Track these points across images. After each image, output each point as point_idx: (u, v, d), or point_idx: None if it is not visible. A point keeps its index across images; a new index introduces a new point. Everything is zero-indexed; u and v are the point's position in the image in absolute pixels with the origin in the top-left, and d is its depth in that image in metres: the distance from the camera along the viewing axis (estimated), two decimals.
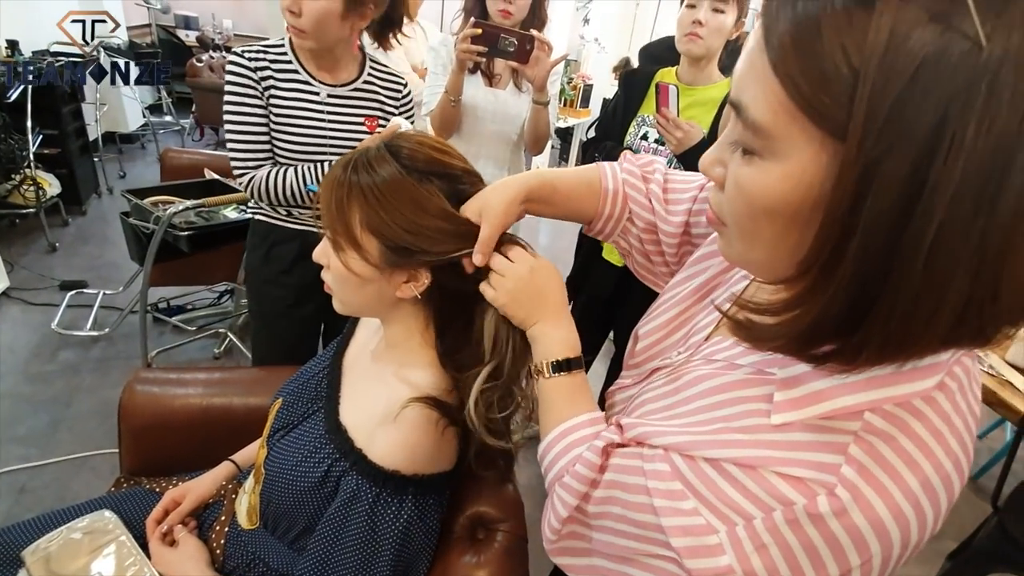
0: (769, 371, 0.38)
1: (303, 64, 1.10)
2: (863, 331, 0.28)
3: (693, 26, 1.24)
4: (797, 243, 0.31)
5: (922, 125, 0.24)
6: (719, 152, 0.36)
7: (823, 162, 0.28)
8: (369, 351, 0.75)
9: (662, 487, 0.39)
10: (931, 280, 0.25)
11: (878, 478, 0.31)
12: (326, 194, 0.60)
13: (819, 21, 0.26)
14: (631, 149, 1.42)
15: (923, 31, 0.24)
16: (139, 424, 0.94)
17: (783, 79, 0.28)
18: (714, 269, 0.53)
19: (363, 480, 0.59)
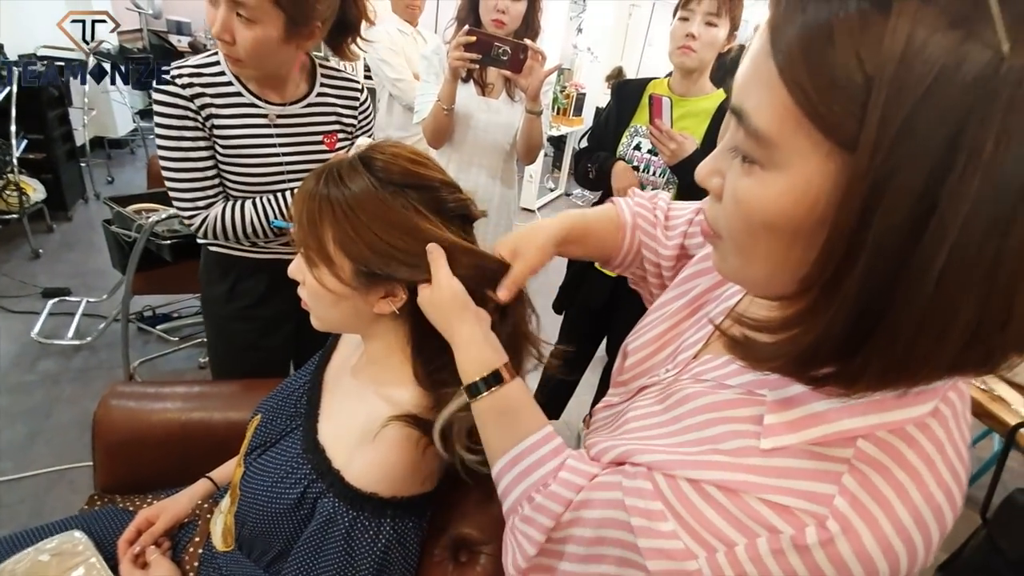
0: (759, 392, 0.37)
1: (244, 84, 0.94)
2: (865, 353, 0.27)
3: (686, 39, 1.24)
4: (799, 259, 0.29)
5: (938, 138, 0.23)
6: (716, 162, 0.34)
7: (830, 174, 0.27)
8: (350, 367, 0.73)
9: (641, 505, 0.37)
10: (939, 303, 0.24)
11: (870, 511, 0.30)
12: (298, 207, 0.59)
13: (831, 26, 0.25)
14: (624, 159, 1.42)
15: (942, 38, 0.23)
16: (114, 440, 0.91)
17: (790, 86, 0.26)
18: (704, 285, 0.52)
19: (339, 503, 0.57)
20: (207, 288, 1.12)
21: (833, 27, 0.25)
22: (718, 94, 1.35)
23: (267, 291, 1.09)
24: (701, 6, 1.21)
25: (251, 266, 1.08)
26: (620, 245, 0.65)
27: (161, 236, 1.33)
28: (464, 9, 1.45)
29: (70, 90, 3.14)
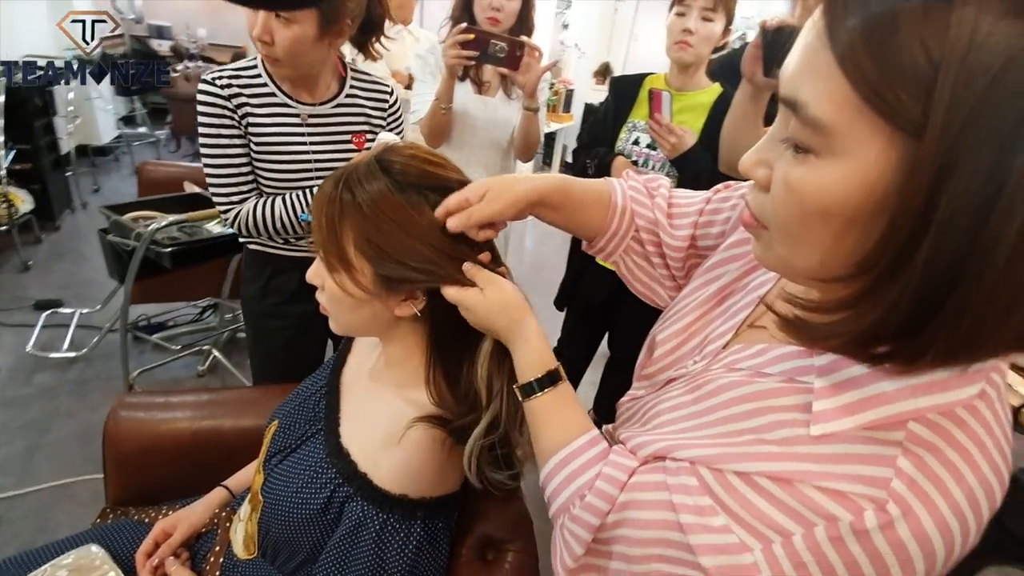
0: (801, 380, 0.37)
1: (279, 85, 1.00)
2: (931, 331, 0.27)
3: (683, 34, 1.24)
4: (852, 244, 0.30)
5: (1006, 122, 0.23)
6: (763, 152, 0.34)
7: (891, 160, 0.27)
8: (367, 370, 0.73)
9: (690, 502, 0.37)
10: (1009, 280, 0.25)
11: (927, 492, 0.30)
12: (317, 211, 0.58)
13: (896, 14, 0.25)
14: (623, 154, 1.42)
15: (1007, 26, 0.23)
16: (125, 451, 0.90)
17: (851, 74, 0.27)
18: (731, 275, 0.52)
19: (369, 506, 0.57)
20: (245, 286, 1.19)
21: (898, 15, 0.25)
22: (714, 88, 1.36)
23: (298, 288, 1.13)
24: (697, 1, 1.22)
25: (284, 263, 1.13)
26: (606, 225, 0.62)
27: (161, 244, 1.31)
28: (458, 8, 1.44)
29: (54, 98, 3.08)
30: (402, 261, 0.55)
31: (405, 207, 0.55)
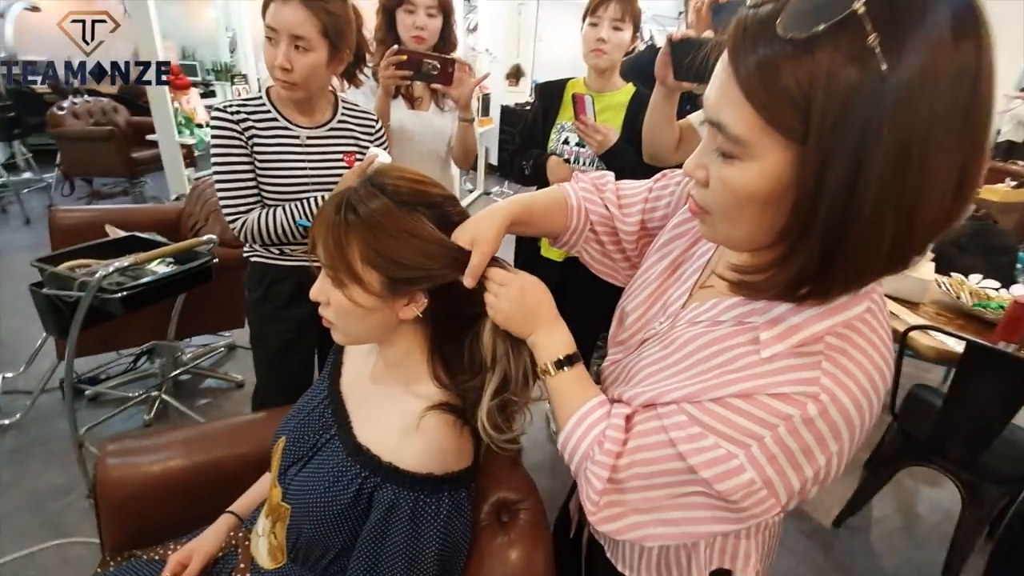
0: (748, 321, 0.49)
1: (281, 111, 1.18)
2: (833, 272, 0.40)
3: (598, 43, 1.39)
4: (771, 219, 0.42)
5: (857, 128, 0.35)
6: (700, 158, 0.46)
7: (789, 160, 0.38)
8: (366, 376, 0.79)
9: (683, 434, 0.48)
10: (873, 229, 0.37)
11: (844, 381, 0.43)
12: (323, 235, 0.64)
13: (779, 62, 0.36)
14: (556, 154, 1.54)
15: (849, 69, 0.34)
16: (120, 497, 0.89)
17: (754, 103, 0.38)
18: (679, 249, 0.65)
19: (399, 488, 0.64)
20: (248, 294, 1.33)
21: (780, 63, 0.36)
22: (628, 88, 1.52)
23: (295, 292, 1.29)
24: (608, 13, 1.37)
25: (281, 272, 1.28)
26: (567, 224, 0.74)
27: (108, 290, 1.27)
28: (382, 29, 1.50)
29: None
30: (411, 265, 0.63)
31: (406, 219, 0.63)
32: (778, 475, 0.44)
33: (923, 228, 0.38)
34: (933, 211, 0.37)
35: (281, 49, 1.05)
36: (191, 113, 3.95)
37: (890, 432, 1.80)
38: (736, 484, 0.45)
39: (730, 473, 0.45)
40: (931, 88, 0.34)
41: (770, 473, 0.44)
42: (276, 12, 1.05)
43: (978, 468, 1.48)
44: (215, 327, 2.29)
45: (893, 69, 0.34)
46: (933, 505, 1.97)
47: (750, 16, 0.39)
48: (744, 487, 0.45)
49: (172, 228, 2.26)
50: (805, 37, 0.35)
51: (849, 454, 0.46)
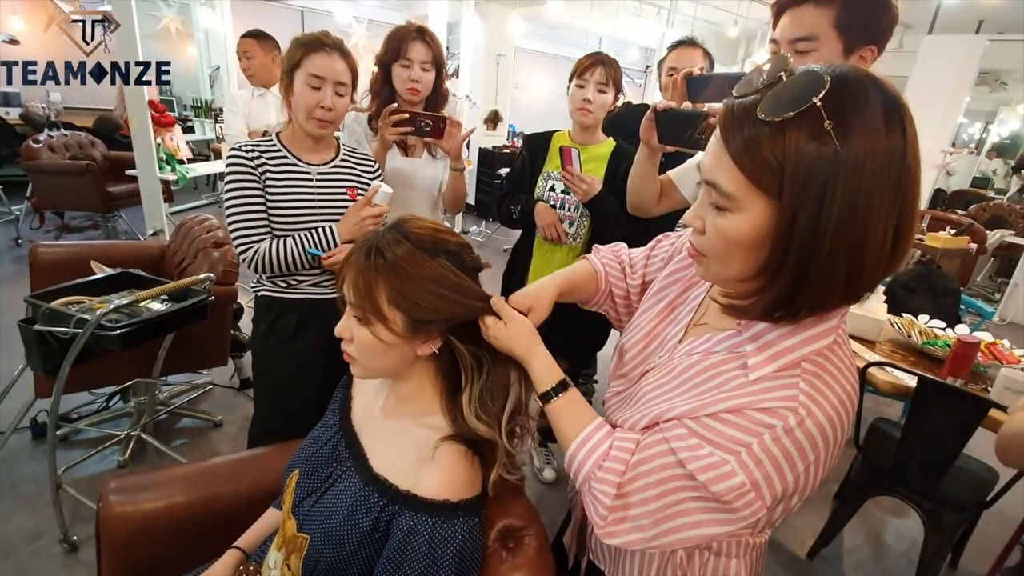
0: (737, 351, 0.59)
1: (291, 151, 1.31)
2: (801, 299, 0.50)
3: (584, 103, 1.54)
4: (755, 260, 0.52)
5: (817, 189, 0.45)
6: (698, 211, 0.56)
7: (768, 212, 0.49)
8: (378, 410, 0.84)
9: (683, 445, 0.56)
10: (831, 265, 0.47)
11: (818, 400, 0.52)
12: (352, 276, 0.71)
13: (760, 140, 0.47)
14: (542, 200, 1.65)
15: (810, 145, 0.45)
16: (123, 534, 0.90)
17: (742, 168, 0.48)
18: (674, 293, 0.75)
19: (417, 515, 0.68)
20: (255, 328, 1.40)
21: (760, 139, 0.47)
22: (609, 142, 1.66)
23: (298, 326, 1.36)
24: (594, 77, 1.52)
25: (287, 306, 1.35)
26: (598, 289, 0.89)
27: (107, 327, 1.28)
28: (379, 81, 1.60)
29: None
30: (432, 308, 0.70)
31: (430, 264, 0.70)
32: (764, 479, 0.52)
33: (869, 268, 0.48)
34: (876, 255, 0.47)
35: (328, 93, 1.24)
36: (174, 150, 3.97)
37: (856, 464, 1.90)
38: (729, 486, 0.53)
39: (724, 476, 0.53)
40: (871, 163, 0.45)
41: (757, 476, 0.52)
42: (324, 63, 1.23)
43: (936, 496, 1.59)
44: (199, 365, 2.27)
45: (843, 147, 0.45)
46: (899, 534, 2.07)
47: (736, 104, 0.50)
48: (736, 489, 0.53)
49: (156, 264, 2.26)
50: (779, 120, 0.46)
51: (824, 467, 0.54)
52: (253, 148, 1.27)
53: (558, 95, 8.69)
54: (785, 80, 0.48)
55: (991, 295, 5.13)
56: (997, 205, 5.41)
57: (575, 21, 6.11)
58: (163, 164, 3.69)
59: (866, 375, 1.65)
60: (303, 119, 1.26)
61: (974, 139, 6.86)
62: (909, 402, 1.57)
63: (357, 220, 1.29)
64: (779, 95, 0.47)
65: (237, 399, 2.42)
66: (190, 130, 6.10)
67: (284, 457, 0.90)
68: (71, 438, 2.05)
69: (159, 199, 3.53)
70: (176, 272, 2.11)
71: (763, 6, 5.52)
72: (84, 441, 2.03)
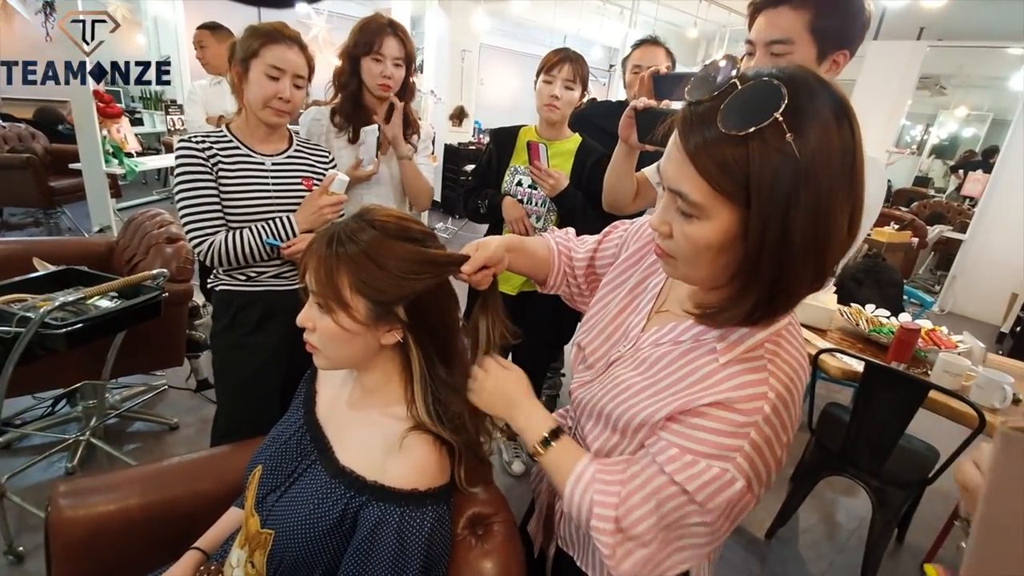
0: (703, 338, 0.61)
1: (243, 142, 1.29)
2: (777, 300, 0.52)
3: (551, 99, 1.55)
4: (724, 263, 0.54)
5: (783, 196, 0.47)
6: (664, 216, 0.56)
7: (736, 219, 0.50)
8: (343, 402, 0.83)
9: (677, 465, 0.57)
10: (801, 266, 0.50)
11: (783, 379, 0.56)
12: (314, 265, 0.70)
13: (723, 151, 0.48)
14: (509, 194, 1.66)
15: (774, 156, 0.47)
16: (74, 540, 0.86)
17: (707, 179, 0.49)
18: (632, 283, 0.77)
19: (386, 505, 0.68)
20: (215, 324, 1.36)
21: (724, 151, 0.48)
22: (575, 137, 1.68)
23: (260, 319, 1.33)
24: (561, 73, 1.53)
25: (248, 297, 1.32)
26: (552, 267, 0.88)
27: (52, 325, 1.21)
28: (346, 74, 1.56)
29: None
30: (395, 284, 0.69)
31: (395, 246, 0.70)
32: (755, 475, 0.55)
33: (832, 259, 0.51)
34: (837, 247, 0.51)
35: (287, 85, 1.24)
36: (121, 142, 3.79)
37: (809, 447, 1.99)
38: (731, 494, 0.55)
39: (724, 486, 0.55)
40: (828, 164, 0.47)
41: (750, 473, 0.55)
42: (284, 55, 1.22)
43: (883, 475, 1.68)
44: (153, 366, 2.18)
45: (803, 154, 0.47)
46: (850, 513, 2.18)
47: (694, 112, 0.51)
48: (737, 494, 0.55)
49: (104, 262, 2.16)
50: (741, 134, 0.47)
51: (791, 436, 0.58)
52: (203, 139, 1.24)
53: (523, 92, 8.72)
54: (740, 88, 0.49)
55: (931, 287, 5.45)
56: (937, 202, 5.73)
57: (540, 18, 6.14)
58: (110, 157, 3.51)
59: (818, 361, 1.73)
60: (258, 108, 1.24)
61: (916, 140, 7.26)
62: (858, 387, 1.66)
63: (315, 209, 1.28)
64: (739, 107, 0.48)
65: (194, 401, 2.33)
66: (139, 122, 5.82)
67: (245, 455, 0.88)
68: (15, 444, 1.94)
69: (105, 194, 3.36)
70: (126, 270, 2.02)
71: (721, 9, 5.69)
72: (29, 448, 1.92)
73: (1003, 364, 1.85)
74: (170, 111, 4.69)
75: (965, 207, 5.42)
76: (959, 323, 4.38)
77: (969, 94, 6.64)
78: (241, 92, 1.26)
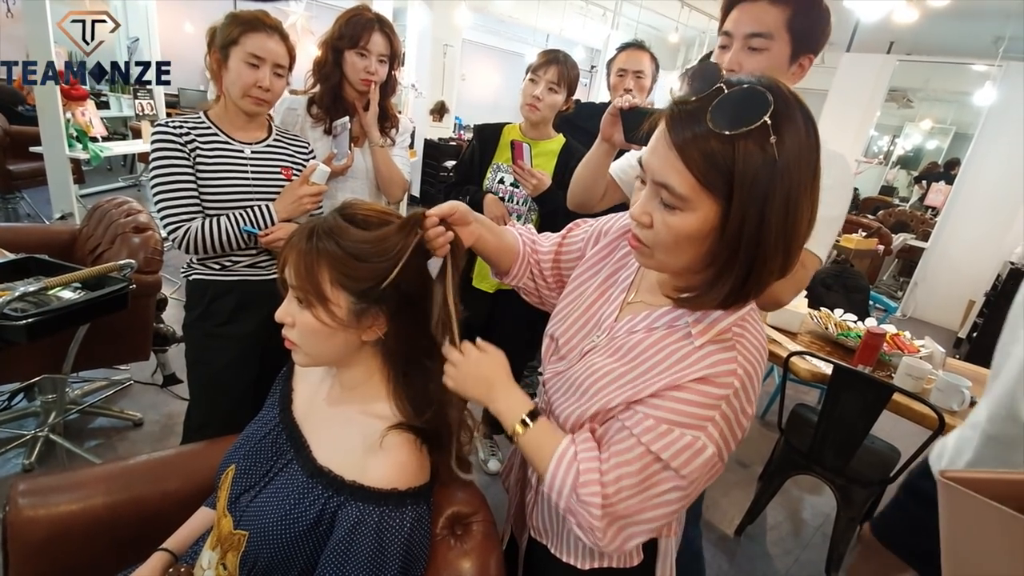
0: (677, 324, 0.64)
1: (221, 129, 1.27)
2: (750, 285, 0.56)
3: (533, 99, 1.54)
4: (702, 252, 0.57)
5: (761, 190, 0.52)
6: (645, 207, 0.59)
7: (717, 210, 0.54)
8: (321, 400, 0.81)
9: (653, 435, 0.60)
10: (774, 254, 0.54)
11: (748, 358, 0.61)
12: (293, 259, 0.68)
13: (712, 148, 0.52)
14: (491, 191, 1.65)
15: (757, 155, 0.51)
16: (35, 540, 0.82)
17: (695, 173, 0.53)
18: (602, 276, 0.79)
19: (365, 505, 0.67)
20: (187, 314, 1.33)
21: (713, 148, 0.52)
22: (559, 138, 1.68)
23: (235, 309, 1.30)
24: (546, 75, 1.52)
25: (223, 287, 1.29)
26: (517, 256, 0.88)
27: (11, 316, 1.16)
28: (328, 65, 1.53)
29: None
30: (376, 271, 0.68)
31: (374, 240, 0.68)
32: (724, 444, 0.60)
33: (797, 249, 0.57)
34: (803, 237, 0.56)
35: (267, 73, 1.21)
36: (86, 126, 3.64)
37: (778, 446, 2.04)
38: (703, 460, 0.58)
39: (696, 453, 0.58)
40: (799, 165, 0.53)
41: (719, 441, 0.59)
42: (264, 43, 1.20)
43: (848, 473, 1.74)
44: (117, 359, 2.10)
45: (780, 156, 0.52)
46: (815, 510, 2.25)
47: (682, 110, 0.54)
48: (707, 461, 0.59)
49: (65, 250, 2.07)
50: (730, 134, 0.51)
51: (752, 415, 0.62)
52: (181, 124, 1.21)
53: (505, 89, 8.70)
54: (727, 92, 0.53)
55: (894, 292, 5.65)
56: (901, 211, 5.94)
57: (523, 16, 6.13)
58: (73, 141, 3.37)
59: (788, 364, 1.78)
60: (238, 96, 1.22)
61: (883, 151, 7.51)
62: (826, 389, 1.71)
63: (295, 198, 1.26)
64: (730, 109, 0.52)
65: (160, 396, 2.26)
66: (104, 106, 5.58)
67: (217, 454, 0.86)
68: None
69: (68, 179, 3.23)
70: (90, 259, 1.94)
71: (703, 15, 5.78)
72: None
73: (961, 368, 1.93)
74: (139, 95, 4.52)
75: (928, 216, 5.63)
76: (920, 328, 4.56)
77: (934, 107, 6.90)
78: (220, 80, 1.23)
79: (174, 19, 6.21)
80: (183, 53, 5.34)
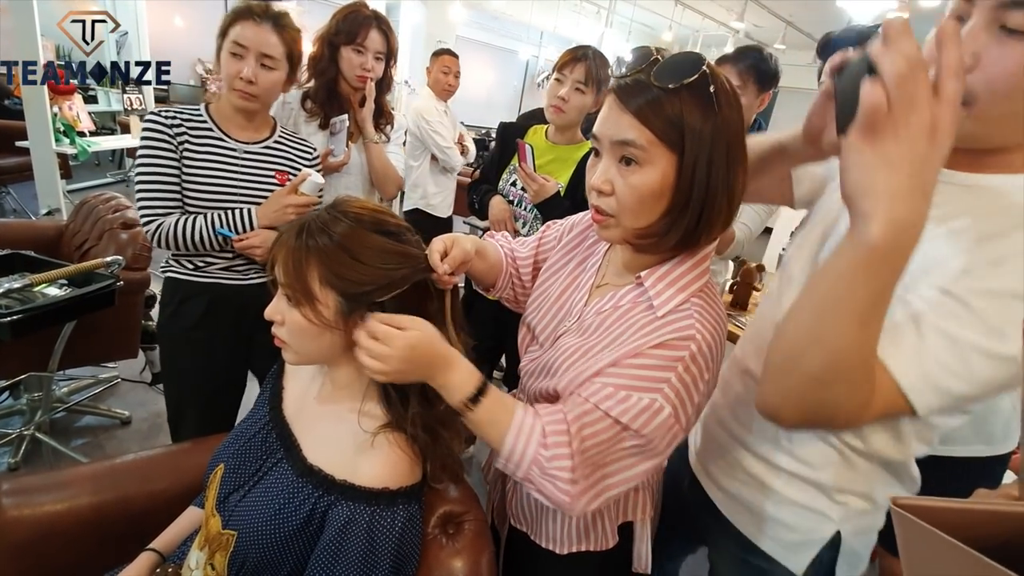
0: (640, 300, 0.67)
1: (218, 124, 1.22)
2: (699, 231, 0.62)
3: (558, 100, 1.43)
4: (661, 206, 0.62)
5: (707, 140, 0.58)
6: (605, 175, 0.62)
7: (672, 164, 0.59)
8: (312, 399, 0.80)
9: (612, 403, 0.61)
10: (720, 200, 0.61)
11: (706, 324, 0.63)
12: (283, 257, 0.67)
13: (660, 101, 0.58)
14: (501, 193, 1.60)
15: (700, 107, 0.58)
16: (19, 540, 0.81)
17: (649, 126, 0.58)
18: (572, 265, 0.82)
19: (356, 504, 0.66)
20: (161, 312, 1.29)
21: (661, 101, 0.58)
22: (584, 144, 1.53)
23: (206, 311, 1.25)
24: (573, 74, 1.41)
25: (192, 289, 1.25)
26: (501, 271, 0.90)
27: None
28: (324, 60, 1.50)
29: None
30: (368, 279, 0.66)
31: (368, 238, 0.68)
32: (681, 405, 0.61)
33: (736, 199, 0.63)
34: (740, 189, 0.63)
35: (249, 64, 1.15)
36: (73, 120, 3.59)
37: None
38: (661, 420, 0.60)
39: (654, 414, 0.60)
40: (731, 125, 0.59)
41: (675, 402, 0.61)
42: (247, 31, 1.14)
43: None
44: (104, 357, 2.07)
45: (719, 110, 0.58)
46: None
47: (626, 80, 0.60)
48: (664, 422, 0.60)
49: (51, 246, 2.05)
50: (673, 87, 0.57)
51: (713, 382, 0.65)
52: (175, 116, 1.18)
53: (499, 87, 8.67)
54: (664, 60, 0.59)
55: None
56: None
57: (517, 13, 6.12)
58: (60, 136, 3.33)
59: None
60: (227, 90, 1.18)
61: None
62: None
63: (279, 207, 1.19)
64: (670, 68, 0.58)
65: (148, 394, 2.24)
66: (92, 100, 5.51)
67: (205, 453, 0.85)
68: None
69: (55, 174, 3.19)
70: (76, 255, 1.92)
71: (695, 14, 5.80)
72: None
73: None
74: (127, 90, 4.46)
75: None
76: None
77: None
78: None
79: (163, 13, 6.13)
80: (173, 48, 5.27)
